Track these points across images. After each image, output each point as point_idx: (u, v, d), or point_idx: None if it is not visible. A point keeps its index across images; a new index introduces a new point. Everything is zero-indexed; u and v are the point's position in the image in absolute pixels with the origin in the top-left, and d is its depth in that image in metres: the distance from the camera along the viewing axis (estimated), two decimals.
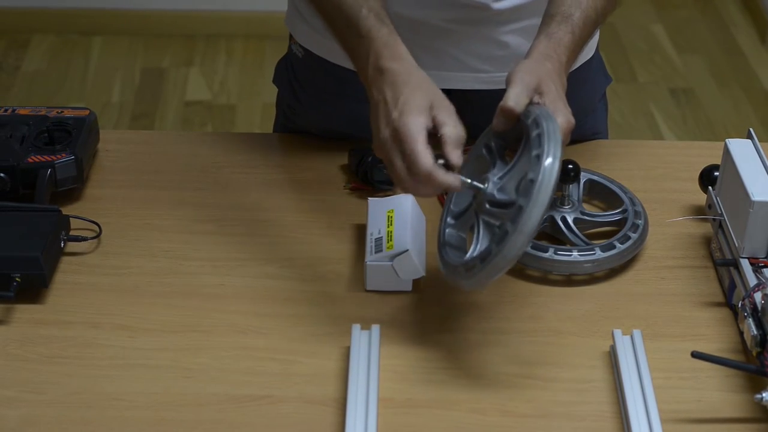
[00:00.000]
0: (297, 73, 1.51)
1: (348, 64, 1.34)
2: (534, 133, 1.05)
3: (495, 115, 1.11)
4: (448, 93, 1.49)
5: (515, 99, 1.09)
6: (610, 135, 1.61)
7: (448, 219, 1.16)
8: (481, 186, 1.10)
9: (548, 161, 1.02)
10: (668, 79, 3.46)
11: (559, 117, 1.09)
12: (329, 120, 1.48)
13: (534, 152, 1.04)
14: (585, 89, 1.47)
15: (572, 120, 1.11)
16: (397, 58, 1.13)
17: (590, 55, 1.47)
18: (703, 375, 1.11)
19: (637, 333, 1.13)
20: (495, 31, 1.38)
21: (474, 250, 1.09)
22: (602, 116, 1.56)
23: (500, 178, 1.09)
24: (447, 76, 1.41)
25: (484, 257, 1.05)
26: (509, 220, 1.03)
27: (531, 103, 1.10)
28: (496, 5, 1.35)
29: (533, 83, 1.10)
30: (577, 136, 1.49)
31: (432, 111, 1.09)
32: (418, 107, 1.08)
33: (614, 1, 1.26)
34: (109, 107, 3.26)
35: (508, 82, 1.11)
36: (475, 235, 1.11)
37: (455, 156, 1.07)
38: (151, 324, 1.18)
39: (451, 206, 1.17)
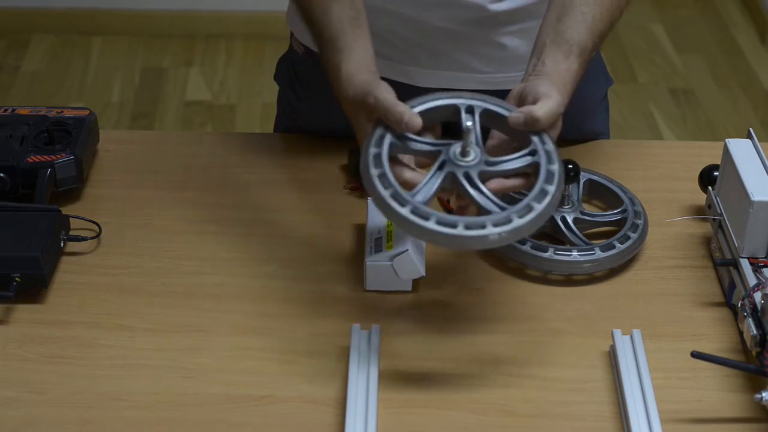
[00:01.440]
0: (297, 70, 1.51)
1: None
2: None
3: (516, 115, 1.10)
4: None
5: (546, 115, 1.10)
6: (610, 135, 1.61)
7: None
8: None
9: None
10: (668, 79, 3.46)
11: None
12: (328, 118, 1.48)
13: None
14: (585, 90, 1.46)
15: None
16: (352, 71, 1.17)
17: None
18: (702, 375, 1.11)
19: (636, 333, 1.13)
20: (493, 32, 1.38)
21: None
22: (603, 118, 1.56)
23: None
24: (446, 76, 1.41)
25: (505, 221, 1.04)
26: (534, 200, 1.05)
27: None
28: (493, 7, 1.35)
29: (562, 105, 1.12)
30: (577, 137, 1.49)
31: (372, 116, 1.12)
32: (358, 131, 1.15)
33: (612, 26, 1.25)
34: (109, 107, 3.26)
35: (542, 93, 1.11)
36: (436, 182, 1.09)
37: (407, 125, 1.09)
38: (151, 324, 1.18)
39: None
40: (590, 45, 1.18)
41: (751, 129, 1.27)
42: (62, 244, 1.26)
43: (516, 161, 1.10)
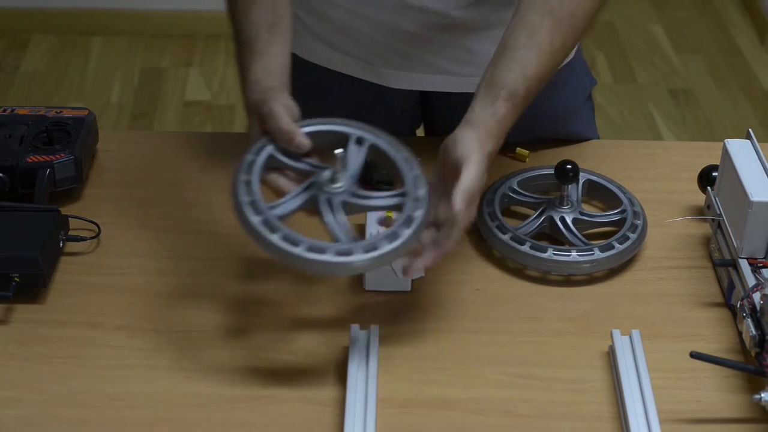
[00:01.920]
0: None
1: (323, 61, 1.35)
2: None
3: (441, 173, 1.10)
4: (428, 95, 1.49)
5: (462, 203, 1.08)
6: (609, 135, 1.61)
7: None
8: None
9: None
10: (667, 80, 3.46)
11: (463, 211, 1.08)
12: (304, 117, 1.50)
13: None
14: (564, 91, 1.46)
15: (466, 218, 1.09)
16: (256, 81, 1.17)
17: (570, 58, 1.46)
18: (701, 375, 1.12)
19: (635, 333, 1.13)
20: (460, 37, 1.37)
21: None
22: (588, 118, 1.55)
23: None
24: (418, 78, 1.41)
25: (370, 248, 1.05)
26: (401, 226, 1.06)
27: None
28: (455, 13, 1.34)
29: (485, 165, 1.10)
30: (562, 138, 1.49)
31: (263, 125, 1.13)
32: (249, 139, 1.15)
33: (556, 69, 1.20)
34: (109, 107, 3.26)
35: (462, 159, 1.09)
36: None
37: (295, 146, 1.11)
38: (150, 324, 1.18)
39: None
40: (522, 89, 1.13)
41: (750, 129, 1.27)
42: (61, 244, 1.26)
43: (384, 199, 1.11)
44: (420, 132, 1.62)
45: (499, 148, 1.14)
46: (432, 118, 1.56)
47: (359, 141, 1.14)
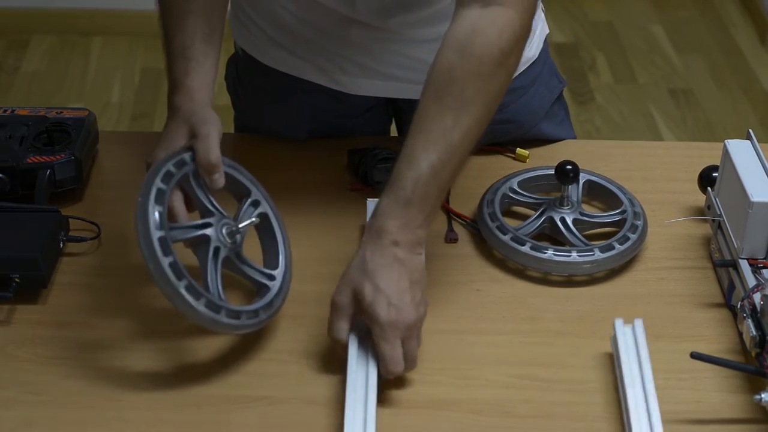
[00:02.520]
0: (240, 72, 1.52)
1: (281, 66, 1.36)
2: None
3: None
4: (393, 102, 1.48)
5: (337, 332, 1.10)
6: (609, 136, 1.61)
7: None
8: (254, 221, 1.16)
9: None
10: (668, 80, 3.46)
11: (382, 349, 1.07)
12: (260, 118, 1.50)
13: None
14: (529, 95, 1.45)
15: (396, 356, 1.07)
16: (184, 92, 1.20)
17: (532, 61, 1.43)
18: (702, 376, 1.11)
19: (638, 322, 1.12)
20: (410, 48, 1.36)
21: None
22: (561, 119, 1.53)
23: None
24: (375, 85, 1.41)
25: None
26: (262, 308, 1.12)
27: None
28: (398, 28, 1.33)
29: (353, 299, 1.09)
30: (536, 139, 1.48)
31: (189, 141, 1.14)
32: (170, 142, 1.16)
33: (485, 122, 1.13)
34: (109, 108, 3.26)
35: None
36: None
37: (212, 182, 1.13)
38: (150, 325, 1.18)
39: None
40: (408, 175, 1.10)
41: (750, 130, 1.27)
42: (62, 245, 1.26)
43: (257, 274, 1.15)
44: (393, 131, 1.60)
45: (409, 224, 1.10)
46: (399, 115, 1.54)
47: (254, 204, 1.18)
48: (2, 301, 1.18)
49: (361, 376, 1.08)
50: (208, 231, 1.11)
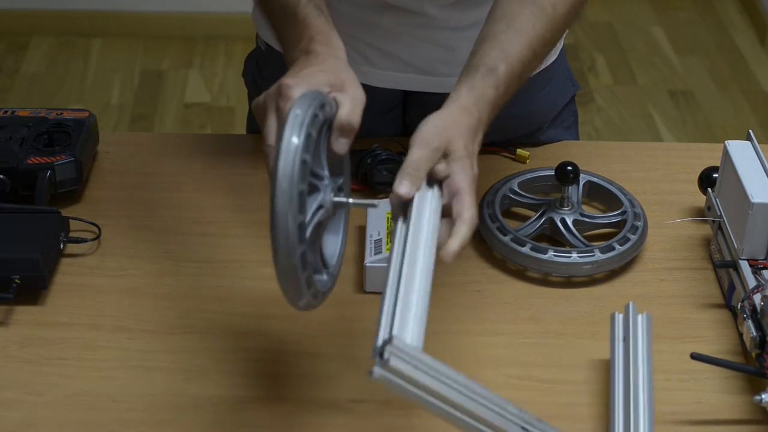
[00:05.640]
0: (261, 67, 1.52)
1: None
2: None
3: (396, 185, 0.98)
4: (407, 96, 1.49)
5: (410, 179, 0.97)
6: (609, 137, 1.61)
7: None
8: (374, 204, 1.02)
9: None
10: (667, 81, 3.46)
11: (463, 203, 0.99)
12: None
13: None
14: (544, 93, 1.45)
15: (468, 215, 0.98)
16: (327, 44, 1.08)
17: (552, 59, 1.45)
18: (702, 377, 1.11)
19: (647, 316, 1.11)
20: (441, 36, 1.37)
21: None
22: (569, 124, 1.54)
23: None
24: (400, 77, 1.41)
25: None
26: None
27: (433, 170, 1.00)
28: (433, 11, 1.34)
29: (441, 145, 1.00)
30: (539, 141, 1.48)
31: (333, 92, 1.01)
32: (312, 79, 1.01)
33: (542, 58, 1.17)
34: (109, 109, 3.26)
35: (412, 141, 1.00)
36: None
37: (338, 144, 0.99)
38: (151, 325, 1.18)
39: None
40: (503, 67, 1.09)
41: (750, 131, 1.27)
42: (62, 246, 1.26)
43: (317, 256, 1.03)
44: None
45: (487, 126, 1.08)
46: (408, 121, 1.54)
47: (340, 188, 1.03)
48: (2, 302, 1.18)
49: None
50: (321, 187, 0.97)
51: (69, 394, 1.10)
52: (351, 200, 1.01)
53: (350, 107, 1.00)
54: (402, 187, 0.97)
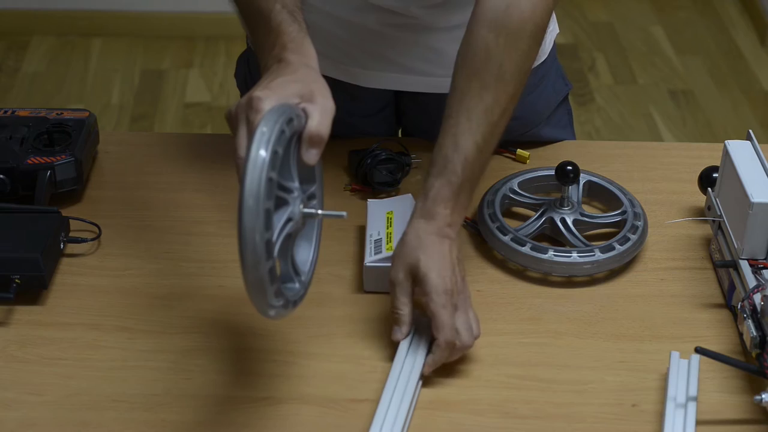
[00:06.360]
0: (251, 68, 1.52)
1: None
2: None
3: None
4: (400, 94, 1.49)
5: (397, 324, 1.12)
6: (609, 136, 1.61)
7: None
8: (342, 215, 1.03)
9: None
10: (667, 81, 3.46)
11: (438, 320, 1.10)
12: None
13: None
14: (536, 93, 1.45)
15: (449, 335, 1.09)
16: (299, 52, 1.08)
17: (542, 59, 1.44)
18: (703, 377, 1.11)
19: (694, 358, 1.11)
20: (426, 37, 1.37)
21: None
22: (564, 123, 1.54)
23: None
24: (390, 78, 1.41)
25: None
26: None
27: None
28: (417, 12, 1.34)
29: (409, 274, 1.11)
30: (534, 140, 1.48)
31: (303, 102, 1.02)
32: (282, 90, 1.01)
33: (508, 115, 1.15)
34: (109, 109, 3.26)
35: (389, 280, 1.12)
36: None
37: (308, 155, 1.00)
38: (151, 325, 1.18)
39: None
40: (455, 157, 1.12)
41: (750, 130, 1.27)
42: (62, 246, 1.26)
43: (290, 265, 1.04)
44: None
45: (458, 211, 1.13)
46: (403, 121, 1.55)
47: (311, 196, 1.05)
48: (3, 302, 1.18)
49: (404, 374, 1.09)
50: (290, 200, 0.99)
51: (69, 394, 1.10)
52: (320, 212, 1.03)
53: (319, 118, 1.01)
54: (397, 334, 1.12)
